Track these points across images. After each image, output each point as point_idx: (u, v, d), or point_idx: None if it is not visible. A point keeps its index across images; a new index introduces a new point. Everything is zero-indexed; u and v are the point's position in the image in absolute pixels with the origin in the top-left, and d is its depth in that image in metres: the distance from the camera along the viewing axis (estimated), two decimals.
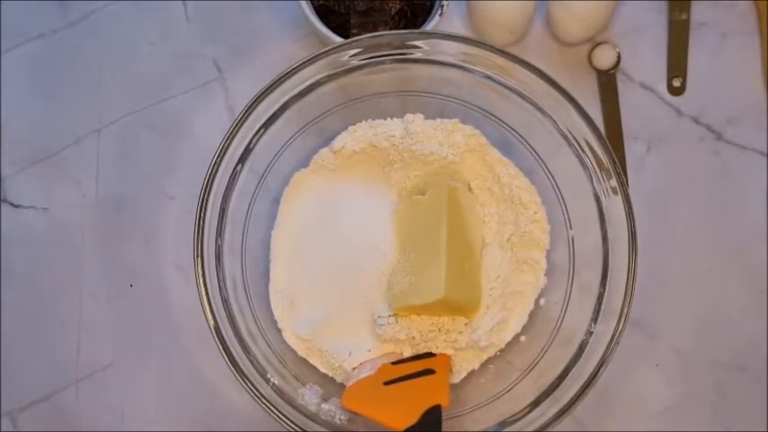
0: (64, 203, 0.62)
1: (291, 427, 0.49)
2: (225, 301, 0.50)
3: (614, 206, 0.50)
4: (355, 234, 0.56)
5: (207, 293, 0.49)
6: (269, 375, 0.50)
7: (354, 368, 0.54)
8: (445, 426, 0.49)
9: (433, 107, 0.55)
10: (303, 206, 0.57)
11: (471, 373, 0.55)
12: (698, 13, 0.64)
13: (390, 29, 0.59)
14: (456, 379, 0.55)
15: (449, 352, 0.54)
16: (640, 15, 0.64)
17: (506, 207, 0.56)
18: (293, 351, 0.55)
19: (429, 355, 0.54)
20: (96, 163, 0.63)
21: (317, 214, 0.56)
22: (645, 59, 0.64)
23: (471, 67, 0.52)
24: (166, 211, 0.62)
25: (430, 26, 0.57)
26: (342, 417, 0.51)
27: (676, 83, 0.63)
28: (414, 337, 0.53)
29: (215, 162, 0.50)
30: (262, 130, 0.51)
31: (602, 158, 0.50)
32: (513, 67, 0.51)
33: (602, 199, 0.51)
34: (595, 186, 0.51)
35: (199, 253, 0.50)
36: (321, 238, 0.56)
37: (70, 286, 0.62)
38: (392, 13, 0.59)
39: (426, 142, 0.54)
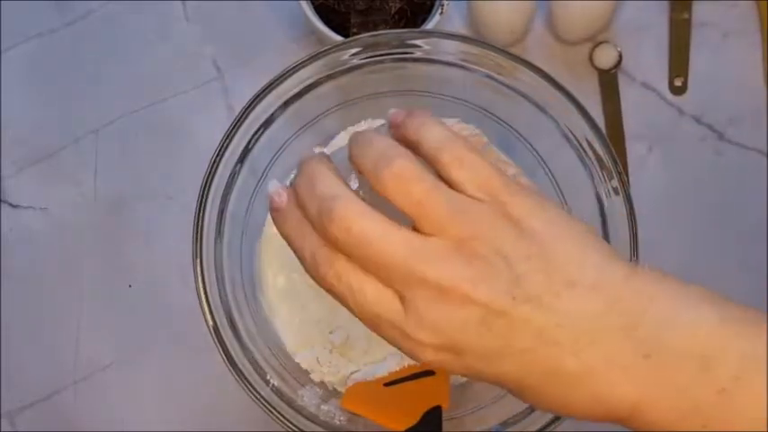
0: (63, 203, 0.62)
1: (291, 428, 0.48)
2: (224, 302, 0.50)
3: (615, 206, 0.50)
4: None
5: (206, 294, 0.49)
6: (268, 376, 0.50)
7: None
8: (446, 426, 0.49)
9: (433, 107, 0.55)
10: None
11: None
12: (699, 12, 0.64)
13: (390, 28, 0.59)
14: (457, 380, 0.55)
15: None
16: (642, 15, 0.64)
17: None
18: None
19: None
20: (95, 163, 0.63)
21: None
22: (646, 59, 0.63)
23: (472, 66, 0.51)
24: (166, 211, 0.62)
25: (430, 25, 0.57)
26: (341, 418, 0.51)
27: (678, 82, 0.63)
28: None
29: (214, 162, 0.50)
30: (261, 130, 0.51)
31: (604, 158, 0.50)
32: (513, 66, 0.50)
33: (604, 199, 0.50)
34: (597, 186, 0.51)
35: (198, 253, 0.49)
36: None
37: (70, 286, 0.62)
38: (392, 12, 0.59)
39: None
